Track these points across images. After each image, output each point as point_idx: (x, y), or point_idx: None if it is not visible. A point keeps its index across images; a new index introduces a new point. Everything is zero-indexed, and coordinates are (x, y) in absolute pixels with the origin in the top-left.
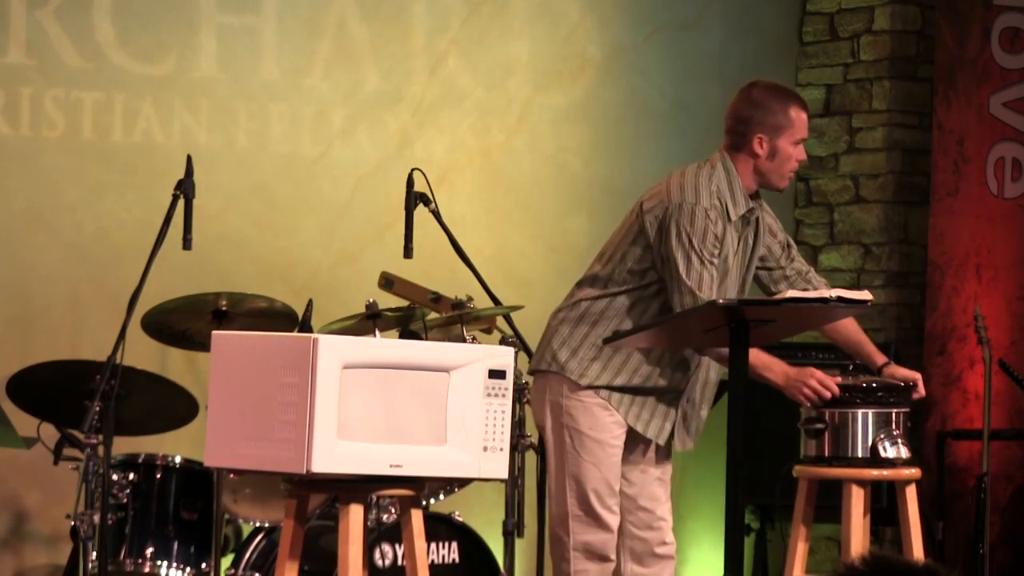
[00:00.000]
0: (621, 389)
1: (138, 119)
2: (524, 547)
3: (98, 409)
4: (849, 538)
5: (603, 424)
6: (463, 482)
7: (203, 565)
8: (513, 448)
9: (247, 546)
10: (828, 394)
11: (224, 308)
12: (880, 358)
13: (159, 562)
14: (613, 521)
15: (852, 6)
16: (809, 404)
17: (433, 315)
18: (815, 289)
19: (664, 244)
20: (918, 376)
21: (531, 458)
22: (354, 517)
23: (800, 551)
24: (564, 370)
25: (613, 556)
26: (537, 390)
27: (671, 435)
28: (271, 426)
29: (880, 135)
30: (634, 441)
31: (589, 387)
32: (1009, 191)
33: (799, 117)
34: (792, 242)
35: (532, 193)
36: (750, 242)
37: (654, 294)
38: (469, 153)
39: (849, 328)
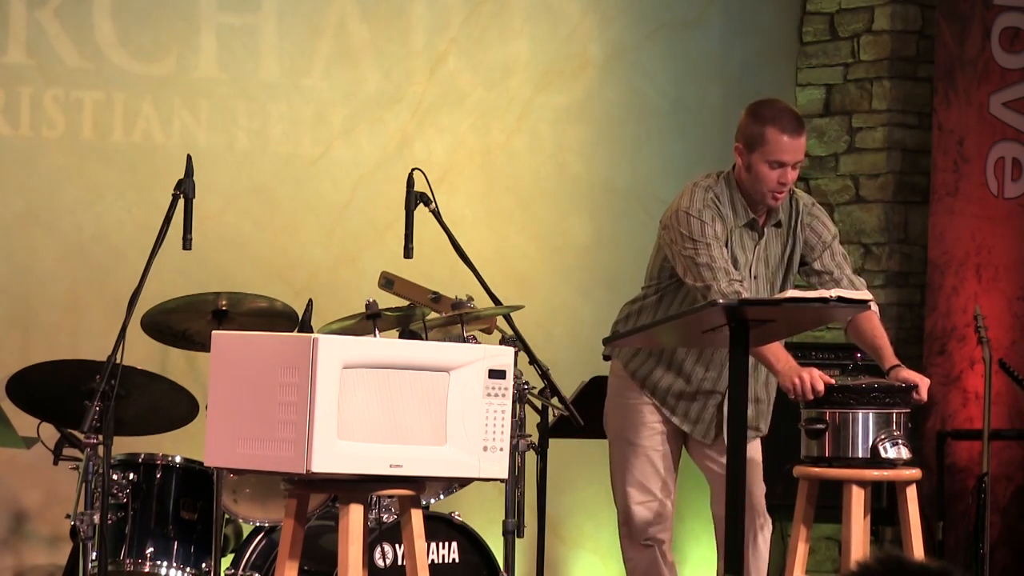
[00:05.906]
0: (664, 386)
1: (138, 119)
2: (524, 547)
3: (98, 409)
4: (849, 538)
5: (637, 422)
6: (463, 482)
7: (203, 565)
8: (513, 448)
9: (247, 546)
10: (810, 393)
11: (224, 308)
12: (890, 361)
13: (159, 562)
14: (642, 512)
15: (852, 6)
16: (793, 396)
17: (433, 315)
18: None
19: (673, 249)
20: (925, 380)
21: (531, 458)
22: (354, 517)
23: (800, 551)
24: (614, 356)
25: (661, 536)
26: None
27: (717, 431)
28: (271, 426)
29: (880, 135)
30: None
31: (632, 375)
32: (1009, 191)
33: (775, 138)
34: (833, 245)
35: (532, 193)
36: (776, 248)
37: (676, 287)
38: (469, 153)
39: (867, 329)
